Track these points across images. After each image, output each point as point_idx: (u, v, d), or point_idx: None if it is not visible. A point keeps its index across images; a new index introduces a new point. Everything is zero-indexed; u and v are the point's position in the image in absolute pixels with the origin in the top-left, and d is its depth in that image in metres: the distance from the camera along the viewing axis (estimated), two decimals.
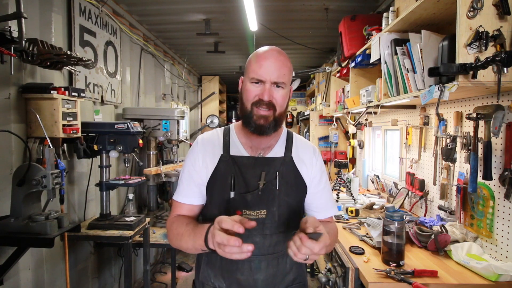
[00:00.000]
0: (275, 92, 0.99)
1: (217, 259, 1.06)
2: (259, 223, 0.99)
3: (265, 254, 1.04)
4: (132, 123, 2.22)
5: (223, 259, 1.04)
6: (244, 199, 1.02)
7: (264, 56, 1.00)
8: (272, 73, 0.98)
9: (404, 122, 2.51)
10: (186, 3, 2.92)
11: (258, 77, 0.98)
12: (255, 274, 1.04)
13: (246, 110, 1.02)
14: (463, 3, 1.29)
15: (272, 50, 1.02)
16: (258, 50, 1.04)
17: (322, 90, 4.58)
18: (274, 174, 1.05)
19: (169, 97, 4.46)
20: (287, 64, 1.02)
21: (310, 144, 1.19)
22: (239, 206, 1.02)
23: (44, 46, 1.73)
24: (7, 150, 1.72)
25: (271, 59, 0.99)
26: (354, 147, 3.96)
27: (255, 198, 1.02)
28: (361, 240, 1.81)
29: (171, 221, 1.07)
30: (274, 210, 1.03)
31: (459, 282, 1.34)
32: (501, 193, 1.52)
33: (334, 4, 2.91)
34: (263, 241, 1.03)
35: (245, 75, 1.05)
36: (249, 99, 1.00)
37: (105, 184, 2.24)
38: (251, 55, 1.06)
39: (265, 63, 0.98)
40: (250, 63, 1.02)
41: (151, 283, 3.21)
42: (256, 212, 1.02)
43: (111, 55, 2.82)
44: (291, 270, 1.10)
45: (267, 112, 0.99)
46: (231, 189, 1.02)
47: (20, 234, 1.55)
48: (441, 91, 1.40)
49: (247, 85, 1.01)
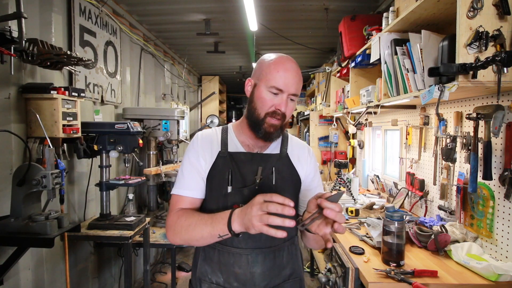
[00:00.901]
0: (289, 104, 1.02)
1: (215, 254, 1.07)
2: None
3: (261, 247, 1.06)
4: (132, 123, 2.22)
5: (221, 254, 1.06)
6: (242, 193, 1.04)
7: (286, 68, 1.00)
8: (292, 85, 1.00)
9: (404, 122, 2.51)
10: (186, 3, 2.92)
11: (279, 87, 0.99)
12: (252, 267, 1.05)
13: (258, 117, 1.03)
14: (463, 3, 1.29)
15: (292, 62, 1.03)
16: (278, 57, 1.04)
17: (322, 90, 4.58)
18: (271, 170, 1.08)
19: (169, 97, 4.46)
20: (301, 78, 1.05)
21: (305, 144, 1.23)
22: (237, 201, 1.03)
23: (44, 46, 1.73)
24: (7, 150, 1.72)
25: (292, 71, 1.01)
26: (354, 147, 3.96)
27: (252, 192, 1.03)
28: (361, 240, 1.81)
29: (176, 215, 1.05)
30: None
31: (459, 282, 1.34)
32: (501, 193, 1.52)
33: (334, 4, 2.91)
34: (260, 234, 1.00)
35: (260, 81, 1.03)
36: (264, 108, 1.02)
37: (105, 184, 2.24)
38: (266, 59, 1.05)
39: (286, 75, 0.99)
40: (269, 70, 1.01)
41: (151, 283, 3.20)
42: None
43: (111, 55, 2.82)
44: (288, 264, 1.12)
45: (278, 122, 1.02)
46: (229, 184, 1.04)
47: (20, 234, 1.55)
48: (441, 91, 1.40)
49: (263, 92, 1.02)
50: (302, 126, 5.82)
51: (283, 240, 1.09)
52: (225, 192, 1.04)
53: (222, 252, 1.06)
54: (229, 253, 1.06)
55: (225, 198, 1.04)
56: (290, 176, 1.11)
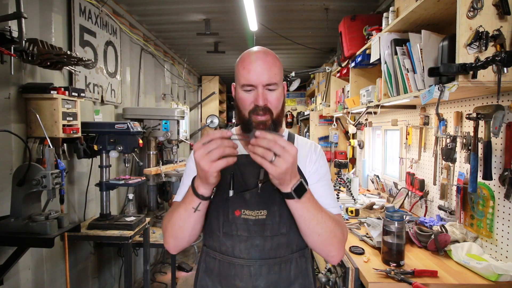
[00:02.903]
0: (269, 95, 0.96)
1: (215, 264, 1.01)
2: (259, 224, 0.97)
3: (265, 258, 0.97)
4: (132, 123, 2.22)
5: (221, 265, 1.00)
6: (243, 197, 0.98)
7: (250, 60, 0.95)
8: (262, 76, 0.93)
9: (404, 122, 2.51)
10: (186, 3, 2.92)
11: (248, 83, 0.94)
12: (255, 281, 0.97)
13: (244, 118, 0.99)
14: (463, 3, 1.29)
15: (257, 52, 0.98)
16: (243, 54, 1.00)
17: (322, 90, 4.58)
18: None
19: (169, 97, 4.46)
20: (276, 63, 0.97)
21: (312, 142, 1.15)
22: (238, 206, 0.98)
23: (44, 46, 1.73)
24: (7, 150, 1.72)
25: (258, 61, 0.95)
26: (354, 147, 3.96)
27: (254, 197, 0.98)
28: (361, 240, 1.81)
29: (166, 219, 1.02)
30: (275, 210, 0.98)
31: (459, 282, 1.34)
32: (501, 193, 1.52)
33: (334, 4, 2.92)
34: (263, 244, 0.97)
35: (236, 82, 1.02)
36: (246, 108, 0.97)
37: (105, 184, 2.25)
38: (238, 59, 1.01)
39: (253, 67, 0.94)
40: (238, 69, 0.98)
41: (151, 283, 3.21)
42: (256, 212, 0.98)
43: (111, 55, 2.82)
44: (296, 280, 1.01)
45: (264, 117, 0.96)
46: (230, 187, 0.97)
47: (20, 234, 1.55)
48: (441, 91, 1.39)
49: (240, 93, 0.98)
50: (302, 126, 5.82)
51: (291, 251, 1.00)
52: (226, 197, 0.98)
53: (223, 263, 0.99)
54: (230, 263, 0.98)
55: (226, 202, 0.99)
56: None
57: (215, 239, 1.00)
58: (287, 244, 0.99)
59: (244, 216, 0.97)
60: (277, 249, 0.98)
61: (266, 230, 0.98)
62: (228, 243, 0.98)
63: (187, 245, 1.00)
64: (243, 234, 0.96)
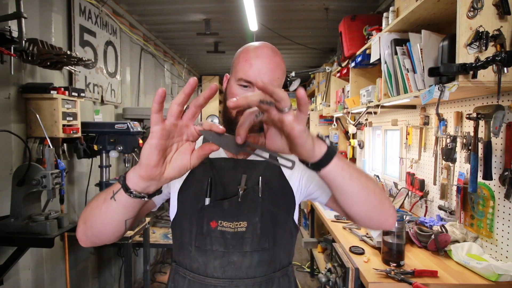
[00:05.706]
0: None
1: (184, 284, 0.86)
2: (237, 237, 0.83)
3: (243, 277, 0.83)
4: (132, 123, 2.22)
5: (191, 285, 0.85)
6: (221, 207, 0.84)
7: (256, 55, 0.84)
8: (264, 75, 0.82)
9: (404, 122, 2.51)
10: (186, 3, 2.92)
11: (247, 78, 0.83)
12: None
13: (229, 116, 0.85)
14: (463, 3, 1.29)
15: (265, 47, 0.86)
16: (249, 45, 0.88)
17: (322, 90, 4.58)
18: (257, 179, 0.87)
19: (169, 97, 4.46)
20: (281, 66, 0.86)
21: None
22: (214, 216, 0.84)
23: (44, 46, 1.73)
24: (7, 150, 1.72)
25: (264, 58, 0.83)
26: (354, 147, 3.96)
27: (233, 206, 0.84)
28: (361, 240, 1.81)
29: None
30: (256, 222, 0.84)
31: (459, 282, 1.34)
32: (501, 193, 1.52)
33: (334, 4, 2.92)
34: (241, 261, 0.83)
35: (231, 73, 0.90)
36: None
37: (105, 184, 2.24)
38: (240, 49, 0.90)
39: (256, 63, 0.83)
40: (238, 60, 0.87)
41: (151, 283, 3.20)
42: (235, 224, 0.84)
43: (111, 55, 2.82)
44: None
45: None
46: (207, 195, 0.85)
47: (20, 234, 1.55)
48: (441, 91, 1.39)
49: (233, 87, 0.86)
50: None
51: (273, 269, 0.87)
52: (201, 205, 0.85)
53: (193, 283, 0.84)
54: (201, 284, 0.84)
55: (201, 212, 0.85)
56: (280, 188, 0.89)
57: (186, 254, 0.86)
58: (270, 261, 0.86)
59: (221, 228, 0.83)
60: (257, 267, 0.84)
61: (245, 244, 0.84)
62: (201, 260, 0.84)
63: (99, 241, 0.76)
64: (218, 249, 0.83)
